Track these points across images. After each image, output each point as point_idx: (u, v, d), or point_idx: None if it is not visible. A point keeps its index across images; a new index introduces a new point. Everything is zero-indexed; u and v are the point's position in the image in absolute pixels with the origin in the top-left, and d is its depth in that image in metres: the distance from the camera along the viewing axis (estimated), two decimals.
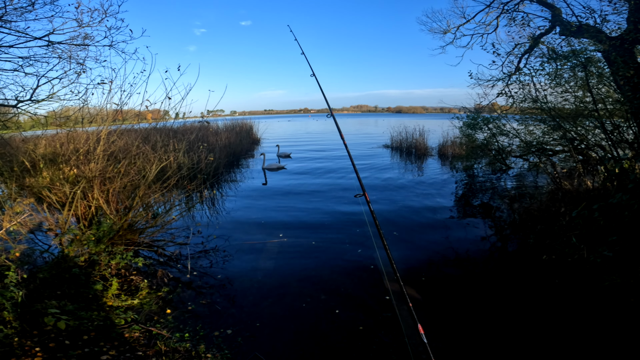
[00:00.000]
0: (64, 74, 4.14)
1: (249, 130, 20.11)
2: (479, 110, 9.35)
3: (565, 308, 3.49)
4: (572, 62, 5.52)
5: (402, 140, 16.63)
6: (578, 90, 5.82)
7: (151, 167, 4.97)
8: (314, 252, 4.97)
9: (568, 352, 2.90)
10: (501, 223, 6.07)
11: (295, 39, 4.60)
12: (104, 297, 3.59)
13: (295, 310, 3.57)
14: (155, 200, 5.18)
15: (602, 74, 5.37)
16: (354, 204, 7.34)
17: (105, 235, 4.19)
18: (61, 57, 4.11)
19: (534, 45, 6.72)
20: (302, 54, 4.30)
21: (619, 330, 3.09)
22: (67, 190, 4.35)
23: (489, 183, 9.17)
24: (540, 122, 7.04)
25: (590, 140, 6.24)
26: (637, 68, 4.60)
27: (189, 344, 3.01)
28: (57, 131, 5.09)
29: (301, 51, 4.37)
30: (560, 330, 3.15)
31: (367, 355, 2.90)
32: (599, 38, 5.03)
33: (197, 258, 4.83)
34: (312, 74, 4.03)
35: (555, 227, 4.96)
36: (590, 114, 5.68)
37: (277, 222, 6.32)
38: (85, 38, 4.15)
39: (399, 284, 2.02)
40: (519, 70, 7.07)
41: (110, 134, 4.92)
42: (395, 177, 10.19)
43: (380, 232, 2.44)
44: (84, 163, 4.55)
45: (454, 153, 13.64)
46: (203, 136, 12.44)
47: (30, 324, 2.94)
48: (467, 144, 10.27)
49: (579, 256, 4.18)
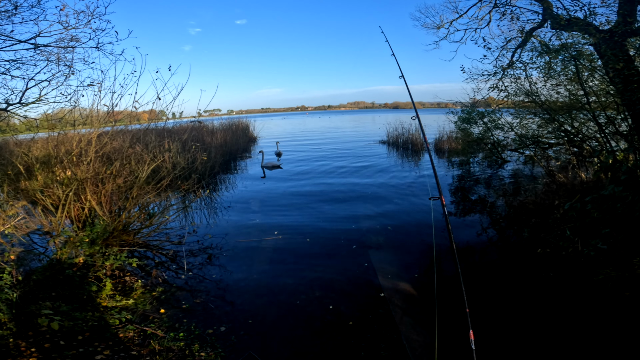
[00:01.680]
0: (52, 76, 4.13)
1: (245, 129, 20.08)
2: (474, 104, 9.36)
3: (559, 302, 3.49)
4: (563, 55, 5.52)
5: (399, 136, 16.63)
6: (570, 83, 5.83)
7: (144, 167, 4.97)
8: (308, 250, 4.99)
9: (563, 346, 2.90)
10: (497, 217, 6.08)
11: (386, 40, 4.63)
12: (98, 297, 3.61)
13: (289, 308, 3.58)
14: (149, 200, 5.18)
15: (593, 67, 5.38)
16: (348, 202, 7.35)
17: (99, 236, 4.20)
18: (49, 59, 4.10)
19: (527, 39, 6.72)
20: (392, 55, 4.32)
21: (614, 324, 3.07)
22: (60, 193, 4.34)
23: (485, 177, 9.19)
24: (534, 115, 7.05)
25: (584, 133, 6.26)
26: (627, 60, 4.60)
27: (183, 343, 3.03)
28: (49, 134, 5.08)
29: (391, 52, 4.41)
30: (555, 324, 3.15)
31: (362, 351, 2.92)
32: (588, 31, 5.03)
33: (193, 257, 4.84)
34: (401, 75, 4.08)
35: (550, 220, 4.97)
36: (582, 106, 5.69)
37: (272, 220, 6.33)
38: (72, 40, 4.13)
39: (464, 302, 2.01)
40: (512, 64, 7.08)
41: (103, 135, 4.91)
42: (391, 172, 10.20)
43: (452, 238, 2.37)
44: (76, 165, 4.54)
45: (450, 148, 13.65)
46: (198, 136, 12.41)
47: (25, 325, 2.97)
48: (462, 139, 10.28)
49: (573, 249, 4.16)
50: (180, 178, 5.81)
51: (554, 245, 4.39)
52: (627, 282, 3.40)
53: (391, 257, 4.66)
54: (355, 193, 8.06)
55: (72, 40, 4.17)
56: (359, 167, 11.33)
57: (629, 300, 3.27)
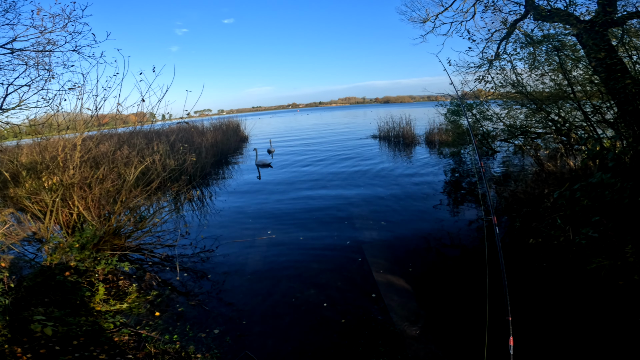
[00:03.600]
0: (32, 81, 4.06)
1: (236, 129, 19.97)
2: (463, 96, 9.41)
3: (552, 293, 3.47)
4: (546, 46, 5.57)
5: (390, 130, 16.69)
6: (555, 73, 5.89)
7: (131, 170, 4.91)
8: (302, 248, 4.98)
9: (558, 338, 2.95)
10: (488, 207, 6.13)
11: (444, 69, 5.70)
12: (92, 302, 3.57)
13: (284, 307, 3.58)
14: (139, 203, 5.13)
15: (577, 57, 5.44)
16: (341, 197, 7.36)
17: (89, 241, 4.14)
18: (27, 64, 4.03)
19: (511, 30, 6.77)
20: (444, 70, 4.98)
21: (608, 315, 3.04)
22: (47, 199, 4.27)
23: (476, 168, 9.27)
24: (521, 105, 7.12)
25: (571, 122, 6.33)
26: (608, 50, 4.66)
27: (179, 345, 3.02)
28: (33, 140, 4.99)
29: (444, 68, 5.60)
30: (549, 317, 3.15)
31: (359, 347, 2.93)
32: (569, 22, 5.08)
33: (186, 259, 4.81)
34: (451, 82, 4.50)
35: (541, 209, 5.01)
36: (568, 96, 5.75)
37: (265, 219, 6.31)
38: (48, 44, 4.07)
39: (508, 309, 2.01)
40: (498, 56, 7.12)
41: (88, 139, 4.84)
42: (383, 166, 10.24)
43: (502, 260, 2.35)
44: (62, 170, 4.47)
45: (440, 140, 13.74)
46: (187, 137, 12.31)
47: (19, 332, 2.94)
48: (452, 130, 10.35)
49: (565, 238, 4.14)
50: (170, 180, 5.76)
51: (546, 235, 4.39)
52: (620, 270, 3.37)
53: (385, 252, 4.67)
54: (347, 188, 8.07)
55: (49, 43, 4.11)
56: (350, 162, 11.33)
57: (623, 289, 3.23)
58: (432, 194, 7.19)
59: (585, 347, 2.73)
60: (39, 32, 3.95)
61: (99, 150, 5.34)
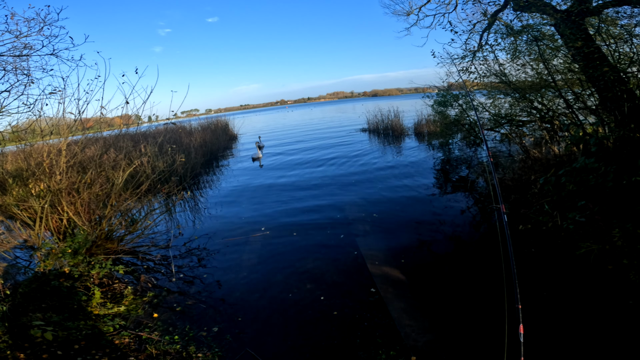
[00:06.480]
0: (11, 86, 4.01)
1: (224, 128, 19.82)
2: (449, 87, 9.51)
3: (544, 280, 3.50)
4: (526, 36, 5.68)
5: (379, 123, 16.78)
6: (536, 63, 6.01)
7: (120, 173, 4.86)
8: (296, 243, 5.03)
9: (551, 329, 3.03)
10: (477, 196, 6.26)
11: None
12: (89, 306, 3.57)
13: (282, 303, 3.62)
14: (130, 206, 5.09)
15: (556, 46, 5.55)
16: (332, 191, 7.41)
17: (82, 246, 4.12)
18: (5, 69, 3.98)
19: (492, 22, 6.85)
20: None
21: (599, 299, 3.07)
22: (35, 205, 4.22)
23: (465, 157, 9.42)
24: (505, 95, 7.24)
25: (554, 110, 6.47)
26: (585, 38, 4.78)
27: (179, 346, 3.04)
28: (17, 146, 4.91)
29: None
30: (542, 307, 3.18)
31: (357, 339, 2.99)
32: (546, 11, 5.18)
33: (181, 259, 4.81)
34: None
35: (529, 195, 5.12)
36: (549, 85, 5.88)
37: (259, 216, 6.33)
38: (25, 48, 4.02)
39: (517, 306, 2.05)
40: (481, 47, 7.21)
41: (73, 144, 4.78)
42: (373, 159, 10.32)
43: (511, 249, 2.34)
44: (49, 176, 4.41)
45: (429, 131, 13.88)
46: (175, 138, 12.19)
47: (20, 338, 2.93)
48: (440, 121, 10.46)
49: (553, 224, 4.19)
50: (160, 181, 5.72)
51: (535, 221, 4.44)
52: (609, 255, 3.40)
53: (379, 243, 4.74)
54: (338, 182, 8.13)
55: (25, 48, 4.06)
56: (340, 156, 11.36)
57: (612, 273, 3.26)
58: (423, 184, 7.29)
59: (577, 332, 2.79)
60: (14, 36, 3.90)
61: (85, 155, 5.27)
